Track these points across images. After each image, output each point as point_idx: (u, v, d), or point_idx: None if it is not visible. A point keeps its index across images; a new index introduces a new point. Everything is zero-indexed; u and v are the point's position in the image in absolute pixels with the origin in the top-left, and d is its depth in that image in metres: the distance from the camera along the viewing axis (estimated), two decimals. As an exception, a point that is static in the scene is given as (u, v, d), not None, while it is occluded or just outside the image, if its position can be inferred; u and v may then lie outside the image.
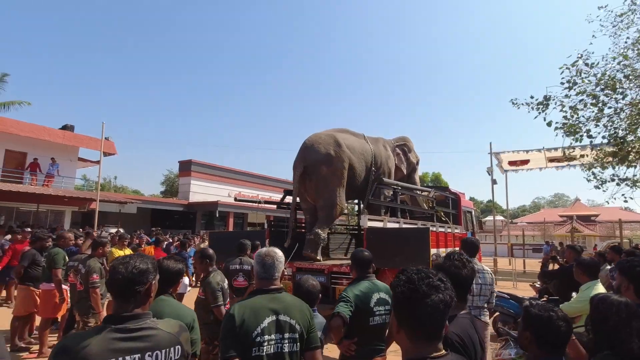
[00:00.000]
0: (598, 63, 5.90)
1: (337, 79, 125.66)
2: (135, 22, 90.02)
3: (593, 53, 6.10)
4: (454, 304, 1.15)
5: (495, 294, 3.54)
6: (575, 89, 5.94)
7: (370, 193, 7.14)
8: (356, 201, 9.33)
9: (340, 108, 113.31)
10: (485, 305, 3.39)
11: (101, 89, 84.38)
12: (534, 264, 19.14)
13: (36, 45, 76.67)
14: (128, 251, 6.50)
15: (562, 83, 5.99)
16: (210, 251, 3.33)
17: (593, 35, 6.41)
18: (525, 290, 10.51)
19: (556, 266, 6.24)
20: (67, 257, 5.33)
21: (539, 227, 31.38)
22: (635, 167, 6.70)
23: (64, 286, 5.14)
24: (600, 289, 3.05)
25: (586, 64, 5.89)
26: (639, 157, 6.48)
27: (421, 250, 5.40)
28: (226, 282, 3.58)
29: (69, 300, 5.22)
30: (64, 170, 18.49)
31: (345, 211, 9.83)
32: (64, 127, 19.24)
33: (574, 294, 3.95)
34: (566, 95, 6.02)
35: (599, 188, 6.90)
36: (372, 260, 2.78)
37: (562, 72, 6.07)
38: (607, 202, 7.20)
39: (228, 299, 3.51)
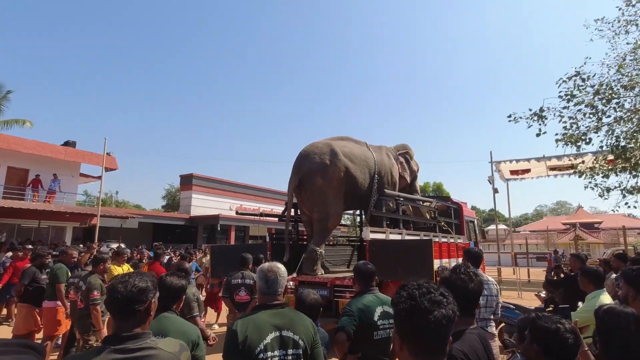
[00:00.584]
0: (594, 75, 5.95)
1: (337, 89, 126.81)
2: (136, 36, 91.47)
3: (590, 58, 6.15)
4: (457, 318, 1.13)
5: (500, 305, 3.49)
6: (573, 101, 5.97)
7: (372, 205, 7.11)
8: (358, 212, 9.31)
9: (341, 118, 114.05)
10: (492, 317, 3.34)
11: (103, 104, 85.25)
12: (539, 273, 18.97)
13: (38, 62, 77.80)
14: (126, 267, 6.42)
15: (560, 96, 6.03)
16: (186, 265, 3.39)
17: (591, 39, 6.49)
18: (530, 300, 10.38)
19: (561, 275, 6.17)
20: (69, 273, 5.31)
21: (542, 236, 31.17)
22: (638, 175, 6.67)
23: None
24: (606, 298, 3.01)
25: (582, 79, 5.93)
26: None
27: (425, 262, 5.35)
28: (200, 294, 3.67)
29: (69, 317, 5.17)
30: (65, 186, 18.54)
31: (344, 222, 9.75)
32: (66, 144, 19.39)
33: (580, 303, 3.91)
34: (565, 107, 6.05)
35: (602, 196, 6.84)
36: (375, 273, 2.75)
37: (559, 85, 6.11)
38: (613, 210, 7.13)
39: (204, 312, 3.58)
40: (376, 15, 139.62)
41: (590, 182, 6.97)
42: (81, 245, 11.82)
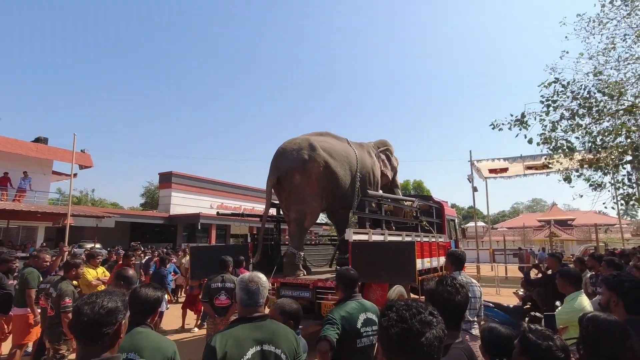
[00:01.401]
0: (574, 80, 6.10)
1: (321, 88, 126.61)
2: (112, 29, 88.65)
3: (567, 52, 6.29)
4: (445, 337, 1.09)
5: (483, 307, 3.51)
6: (552, 107, 6.10)
7: (355, 205, 7.05)
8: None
9: (321, 114, 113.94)
10: (475, 319, 3.36)
11: (78, 100, 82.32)
12: (515, 270, 19.49)
13: (6, 55, 74.38)
14: (101, 270, 6.15)
15: (542, 102, 6.16)
16: (130, 273, 3.04)
17: (566, 37, 6.65)
18: (509, 297, 10.62)
19: (538, 274, 6.30)
20: (41, 277, 5.04)
21: (519, 232, 32.07)
22: (608, 174, 6.89)
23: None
24: (584, 299, 3.06)
25: (563, 86, 6.06)
26: (613, 164, 6.69)
27: (407, 264, 5.35)
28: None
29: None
30: (37, 184, 17.79)
31: (327, 221, 9.65)
32: (37, 140, 18.60)
33: (557, 302, 3.98)
34: (546, 112, 6.17)
35: (566, 181, 6.92)
36: (358, 279, 2.70)
37: (541, 90, 6.24)
38: (580, 195, 7.33)
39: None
40: (360, 14, 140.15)
41: (566, 180, 7.09)
42: (56, 248, 11.35)
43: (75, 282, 4.30)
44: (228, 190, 29.82)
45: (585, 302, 3.03)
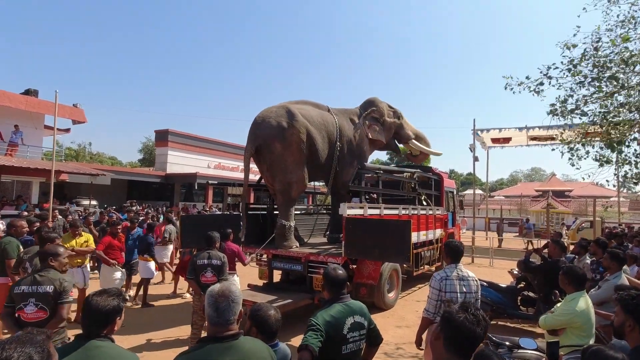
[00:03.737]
0: (599, 46, 5.56)
1: (321, 51, 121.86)
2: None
3: (580, 27, 5.76)
4: None
5: (479, 301, 3.34)
6: (572, 71, 5.62)
7: (332, 175, 6.73)
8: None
9: (325, 81, 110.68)
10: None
11: (75, 52, 79.17)
12: (510, 239, 19.67)
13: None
14: (82, 240, 5.85)
15: (563, 63, 5.63)
16: (60, 250, 3.16)
17: (584, 9, 6.06)
18: (501, 270, 10.66)
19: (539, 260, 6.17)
20: (21, 247, 4.88)
21: (516, 202, 32.16)
22: (618, 149, 6.62)
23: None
24: (584, 302, 2.88)
25: (595, 49, 5.53)
26: (621, 139, 6.40)
27: (402, 243, 5.17)
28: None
29: None
30: (29, 139, 17.32)
31: (309, 189, 9.24)
32: (27, 92, 17.85)
33: (556, 292, 3.82)
34: (569, 72, 5.68)
35: (574, 166, 6.70)
36: (347, 279, 2.47)
37: (563, 51, 5.70)
38: (584, 178, 7.08)
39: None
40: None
41: (568, 152, 6.80)
42: (36, 211, 11.15)
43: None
44: (226, 149, 29.34)
45: (584, 305, 2.86)
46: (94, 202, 19.18)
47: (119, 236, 6.25)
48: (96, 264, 8.09)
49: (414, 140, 8.73)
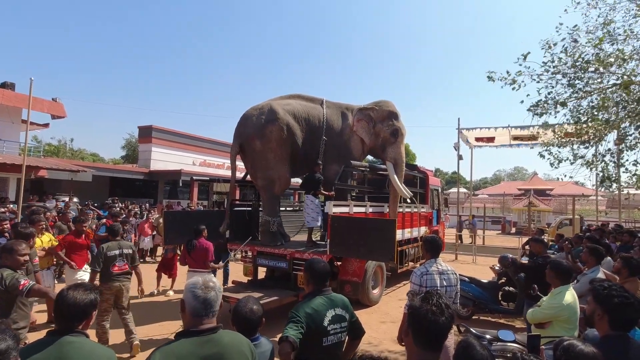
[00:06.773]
0: (577, 45, 5.74)
1: (309, 48, 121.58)
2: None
3: (562, 24, 5.94)
4: None
5: (459, 295, 3.38)
6: (550, 70, 5.80)
7: (330, 173, 6.73)
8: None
9: (311, 78, 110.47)
10: (451, 308, 3.25)
11: (56, 47, 76.93)
12: (493, 237, 20.07)
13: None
14: (47, 238, 5.56)
15: (545, 63, 5.81)
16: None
17: (565, 10, 6.24)
18: (484, 266, 10.87)
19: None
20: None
21: (499, 200, 32.80)
22: (589, 147, 6.86)
23: None
24: (570, 295, 2.95)
25: (575, 40, 5.69)
26: (595, 139, 6.63)
27: (386, 243, 5.20)
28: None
29: None
30: (5, 133, 16.82)
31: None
32: (3, 85, 17.29)
33: (537, 290, 3.91)
34: (546, 70, 5.86)
35: (553, 166, 6.95)
36: (330, 272, 2.47)
37: (545, 50, 5.87)
38: (559, 178, 7.35)
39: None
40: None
41: (546, 151, 7.06)
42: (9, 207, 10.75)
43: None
44: (211, 146, 29.01)
45: (571, 298, 2.93)
46: (75, 199, 18.70)
47: (86, 233, 5.82)
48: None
49: (390, 164, 7.35)
